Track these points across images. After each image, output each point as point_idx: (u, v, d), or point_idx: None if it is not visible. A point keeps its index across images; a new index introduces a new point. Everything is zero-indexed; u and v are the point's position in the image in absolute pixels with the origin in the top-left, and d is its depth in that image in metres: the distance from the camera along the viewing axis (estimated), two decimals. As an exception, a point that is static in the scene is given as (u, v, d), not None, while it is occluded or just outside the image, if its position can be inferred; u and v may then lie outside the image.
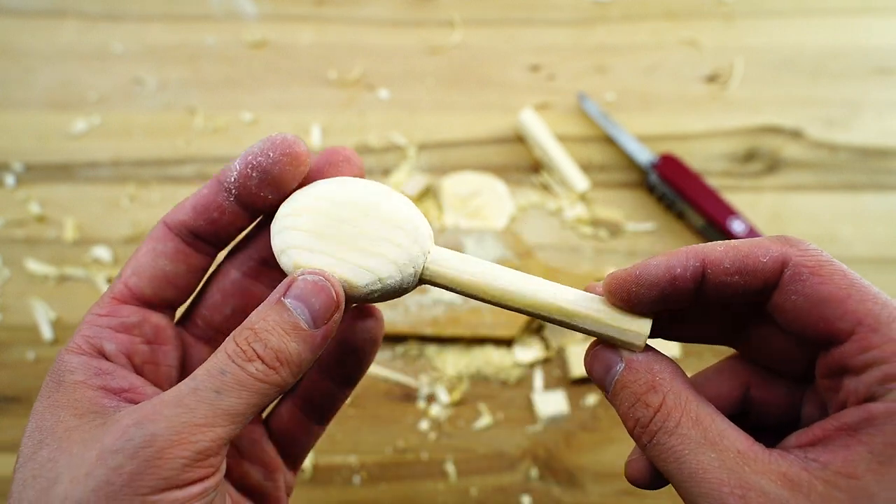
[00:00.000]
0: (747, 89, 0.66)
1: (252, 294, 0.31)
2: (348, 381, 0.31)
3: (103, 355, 0.26)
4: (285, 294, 0.25)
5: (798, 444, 0.24)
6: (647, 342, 0.26)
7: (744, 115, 0.65)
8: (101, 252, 0.59)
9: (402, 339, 0.56)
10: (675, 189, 0.59)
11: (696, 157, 0.63)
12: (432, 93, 0.66)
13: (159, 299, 0.28)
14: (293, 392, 0.32)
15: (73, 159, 0.63)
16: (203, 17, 0.69)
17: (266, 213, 0.28)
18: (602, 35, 0.68)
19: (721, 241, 0.26)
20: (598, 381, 0.27)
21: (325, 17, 0.69)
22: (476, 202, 0.61)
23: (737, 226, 0.57)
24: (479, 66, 0.67)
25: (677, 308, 0.26)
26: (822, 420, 0.24)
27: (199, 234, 0.28)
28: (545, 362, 0.57)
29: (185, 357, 0.30)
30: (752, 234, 0.57)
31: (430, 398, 0.55)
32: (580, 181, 0.61)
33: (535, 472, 0.52)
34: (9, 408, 0.55)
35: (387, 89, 0.66)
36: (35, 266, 0.59)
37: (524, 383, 0.56)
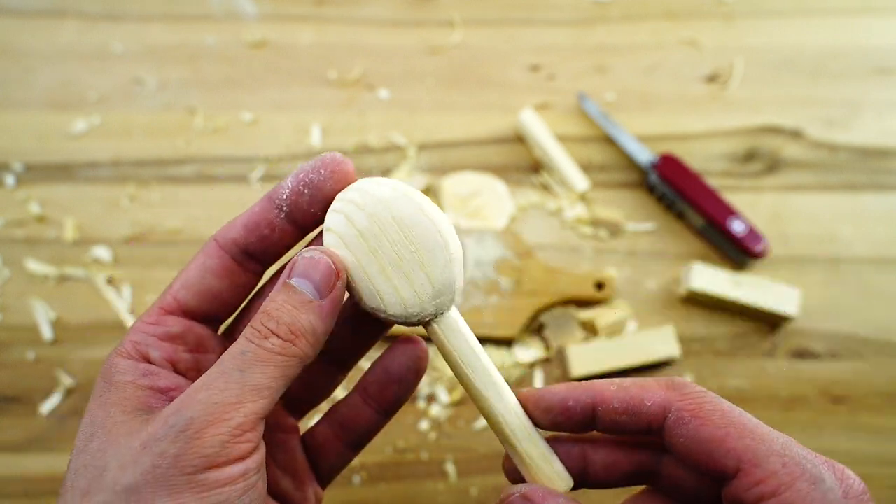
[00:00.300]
0: (747, 89, 0.66)
1: None
2: (388, 410, 0.32)
3: (148, 361, 0.28)
4: (289, 276, 0.27)
5: None
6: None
7: (744, 115, 0.65)
8: (101, 252, 0.59)
9: (403, 339, 0.56)
10: (675, 189, 0.59)
11: (696, 157, 0.63)
12: (432, 93, 0.66)
13: (204, 313, 0.30)
14: (334, 416, 0.33)
15: (73, 159, 0.63)
16: (203, 17, 0.69)
17: (314, 229, 0.30)
18: (602, 35, 0.68)
19: (616, 380, 0.28)
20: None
21: (325, 17, 0.69)
22: (476, 202, 0.61)
23: (737, 226, 0.57)
24: (479, 66, 0.67)
25: (581, 431, 0.28)
26: None
27: (248, 251, 0.29)
28: (545, 362, 0.57)
29: None
30: (753, 234, 0.57)
31: (430, 398, 0.55)
32: (580, 181, 0.61)
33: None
34: (9, 408, 0.55)
35: (387, 89, 0.66)
36: (35, 266, 0.59)
37: (524, 383, 0.56)
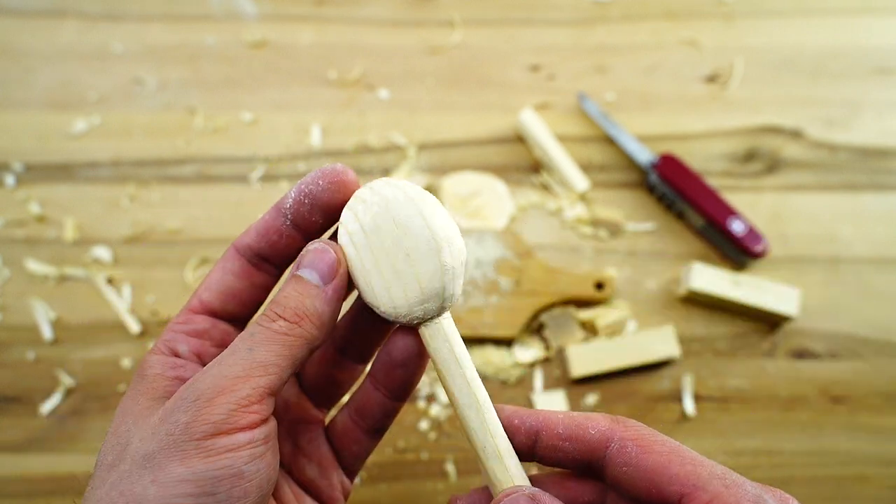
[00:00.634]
0: (747, 89, 0.66)
1: None
2: (399, 393, 0.33)
3: (177, 356, 0.30)
4: (297, 268, 0.29)
5: None
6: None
7: (744, 115, 0.65)
8: (101, 252, 0.59)
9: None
10: (675, 189, 0.59)
11: (696, 157, 0.63)
12: (432, 93, 0.66)
13: (227, 312, 0.32)
14: (351, 403, 0.34)
15: (73, 159, 0.63)
16: (203, 17, 0.69)
17: (318, 235, 0.31)
18: (602, 35, 0.68)
19: (565, 411, 0.29)
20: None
21: (325, 17, 0.69)
22: (476, 202, 0.61)
23: (737, 226, 0.57)
24: (479, 66, 0.67)
25: (521, 457, 0.29)
26: None
27: (261, 255, 0.31)
28: (545, 362, 0.57)
29: None
30: (752, 234, 0.57)
31: (430, 398, 0.55)
32: (580, 181, 0.61)
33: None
34: (9, 408, 0.55)
35: (387, 89, 0.66)
36: (35, 266, 0.59)
37: (524, 383, 0.56)
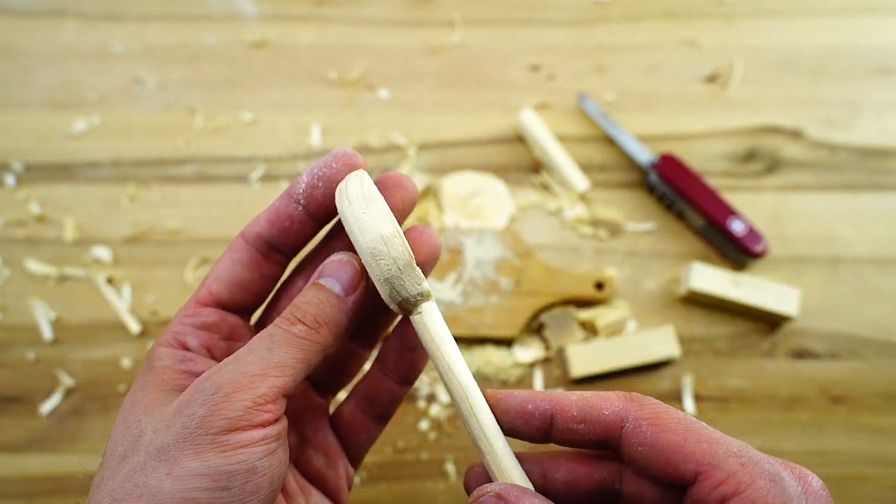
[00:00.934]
0: (747, 89, 0.66)
1: None
2: (407, 379, 0.34)
3: (186, 349, 0.30)
4: (319, 277, 0.29)
5: None
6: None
7: (744, 115, 0.65)
8: (101, 252, 0.59)
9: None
10: (675, 189, 0.59)
11: (696, 157, 0.63)
12: (432, 93, 0.66)
13: (236, 303, 0.32)
14: (357, 391, 0.34)
15: (73, 159, 0.63)
16: (203, 17, 0.69)
17: (329, 220, 0.32)
18: (602, 35, 0.68)
19: (578, 392, 0.29)
20: (467, 490, 0.30)
21: (325, 17, 0.69)
22: (476, 202, 0.61)
23: (737, 226, 0.57)
24: (479, 66, 0.67)
25: (537, 440, 0.29)
26: None
27: (272, 243, 0.31)
28: (545, 362, 0.57)
29: None
30: (752, 234, 0.57)
31: (430, 398, 0.55)
32: (580, 181, 0.61)
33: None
34: (9, 408, 0.55)
35: (387, 89, 0.66)
36: (35, 266, 0.59)
37: (524, 383, 0.56)
